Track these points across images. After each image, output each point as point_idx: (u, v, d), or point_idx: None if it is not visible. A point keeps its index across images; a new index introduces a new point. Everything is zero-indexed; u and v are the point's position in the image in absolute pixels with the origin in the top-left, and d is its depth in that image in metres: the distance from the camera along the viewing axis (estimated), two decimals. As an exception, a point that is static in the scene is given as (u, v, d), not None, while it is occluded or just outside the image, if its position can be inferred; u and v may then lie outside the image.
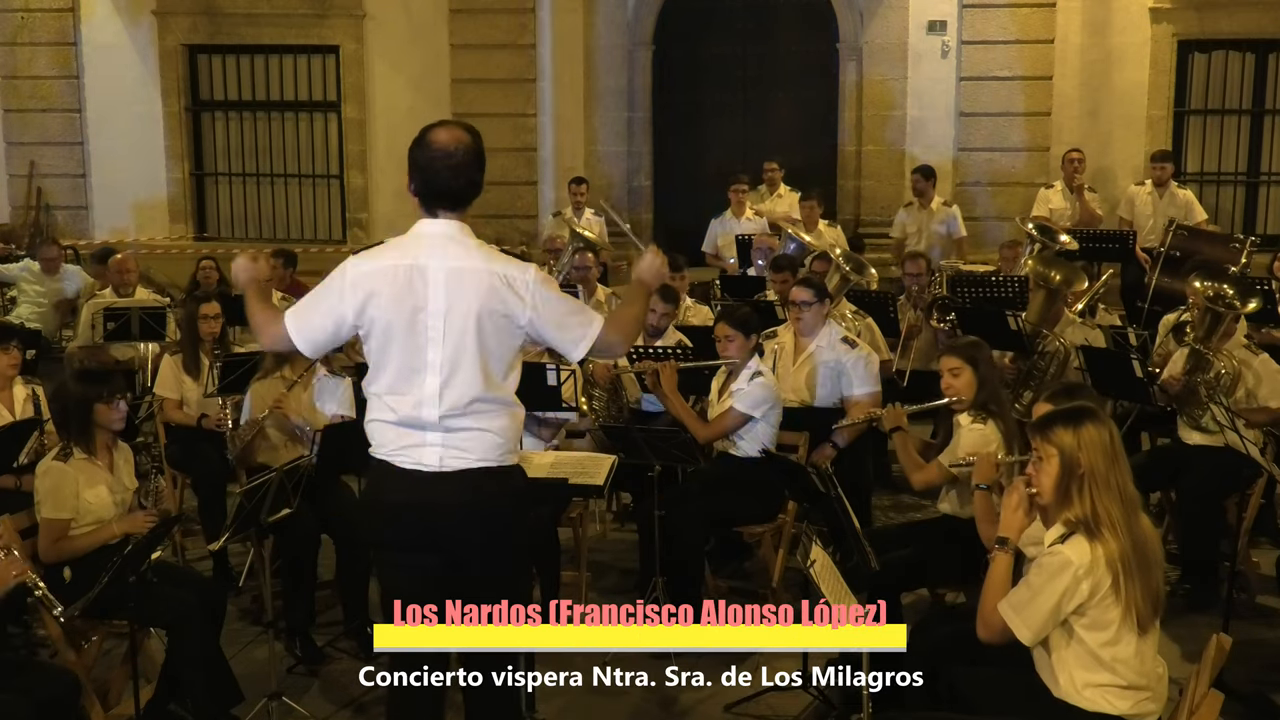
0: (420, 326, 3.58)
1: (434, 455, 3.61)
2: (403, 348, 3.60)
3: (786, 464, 5.63)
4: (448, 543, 3.65)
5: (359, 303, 3.62)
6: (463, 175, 3.61)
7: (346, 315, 3.64)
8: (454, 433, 3.60)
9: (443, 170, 3.60)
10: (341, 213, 13.85)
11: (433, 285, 3.57)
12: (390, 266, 3.62)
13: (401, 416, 3.62)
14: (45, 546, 4.80)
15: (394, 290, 3.59)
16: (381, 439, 3.68)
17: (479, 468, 3.63)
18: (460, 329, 3.57)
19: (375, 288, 3.60)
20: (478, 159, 3.64)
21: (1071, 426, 3.58)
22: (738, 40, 13.12)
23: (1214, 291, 6.16)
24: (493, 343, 3.61)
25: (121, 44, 13.69)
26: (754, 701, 4.98)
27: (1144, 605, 3.49)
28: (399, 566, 3.75)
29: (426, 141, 3.63)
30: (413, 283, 3.58)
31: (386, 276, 3.60)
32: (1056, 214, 10.67)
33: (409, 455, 3.63)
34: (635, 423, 6.45)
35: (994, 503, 4.52)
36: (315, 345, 3.77)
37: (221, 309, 6.95)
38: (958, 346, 5.27)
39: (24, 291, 10.25)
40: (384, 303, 3.59)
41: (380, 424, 3.68)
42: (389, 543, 3.75)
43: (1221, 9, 12.16)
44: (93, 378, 5.10)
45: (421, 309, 3.57)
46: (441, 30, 13.14)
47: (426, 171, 3.61)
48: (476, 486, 3.62)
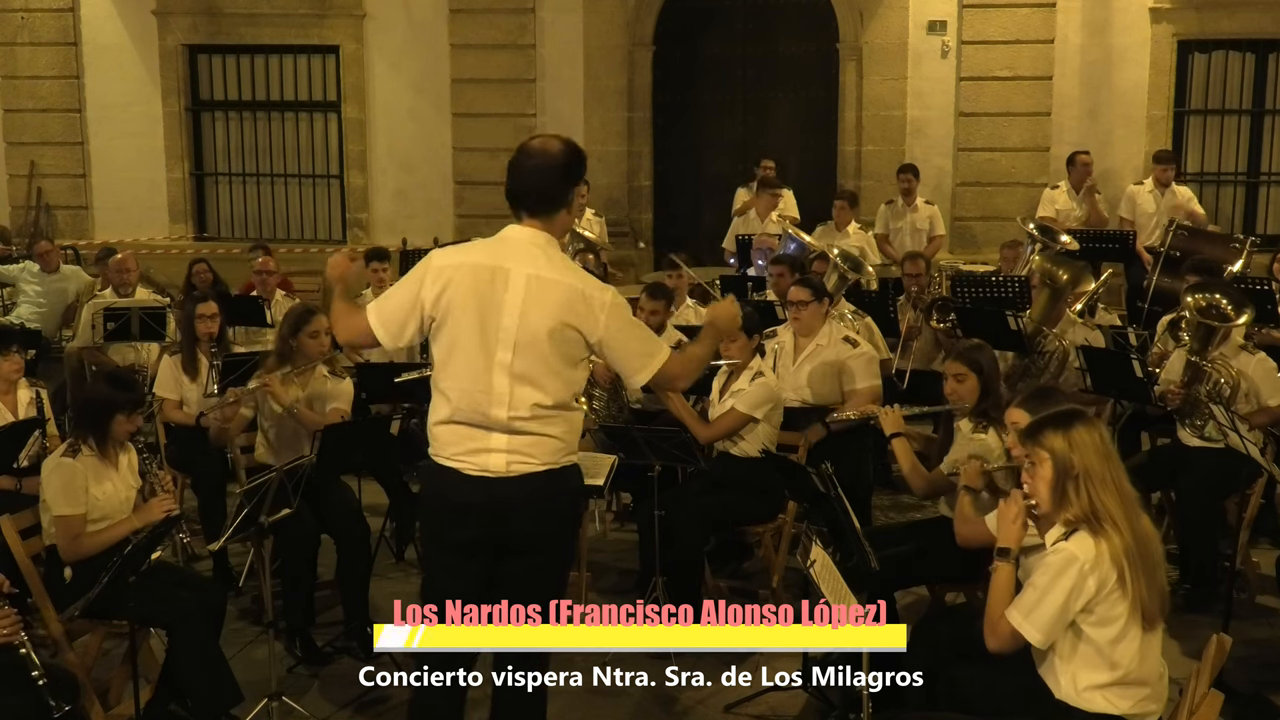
0: (493, 326, 3.65)
1: (500, 460, 3.67)
2: (474, 344, 3.66)
3: (786, 464, 5.63)
4: (508, 540, 3.72)
5: (437, 291, 3.69)
6: (539, 183, 3.72)
7: (425, 302, 3.71)
8: (519, 435, 3.67)
9: (523, 170, 3.73)
10: (341, 213, 13.85)
11: (513, 289, 3.65)
12: (474, 264, 3.71)
13: (467, 415, 3.67)
14: (65, 545, 4.81)
15: (474, 286, 3.66)
16: (446, 440, 3.73)
17: (542, 470, 3.71)
18: (533, 335, 3.64)
19: (456, 278, 3.69)
20: (564, 169, 3.75)
21: (1062, 430, 3.59)
22: (738, 40, 13.13)
23: (1206, 303, 6.13)
24: (562, 353, 3.69)
25: (121, 44, 13.69)
26: (754, 701, 4.98)
27: (1150, 602, 3.49)
28: (450, 568, 3.79)
29: (520, 146, 3.80)
30: (494, 283, 3.66)
31: (468, 272, 3.69)
32: (1062, 215, 10.69)
33: (475, 461, 3.68)
34: (635, 423, 6.45)
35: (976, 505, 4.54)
36: (393, 333, 3.80)
37: (219, 309, 6.94)
38: (963, 352, 5.24)
39: (23, 292, 10.25)
40: (461, 296, 3.67)
41: (445, 426, 3.72)
42: (445, 543, 3.80)
43: (1221, 9, 12.16)
44: (122, 384, 5.11)
45: (499, 309, 3.64)
46: (441, 30, 13.14)
47: (511, 171, 3.76)
48: (539, 488, 3.71)
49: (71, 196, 13.96)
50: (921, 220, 11.16)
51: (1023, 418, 4.19)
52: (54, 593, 4.74)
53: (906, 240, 11.01)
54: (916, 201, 11.21)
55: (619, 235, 12.66)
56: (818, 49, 12.94)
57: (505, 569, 3.76)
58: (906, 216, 11.16)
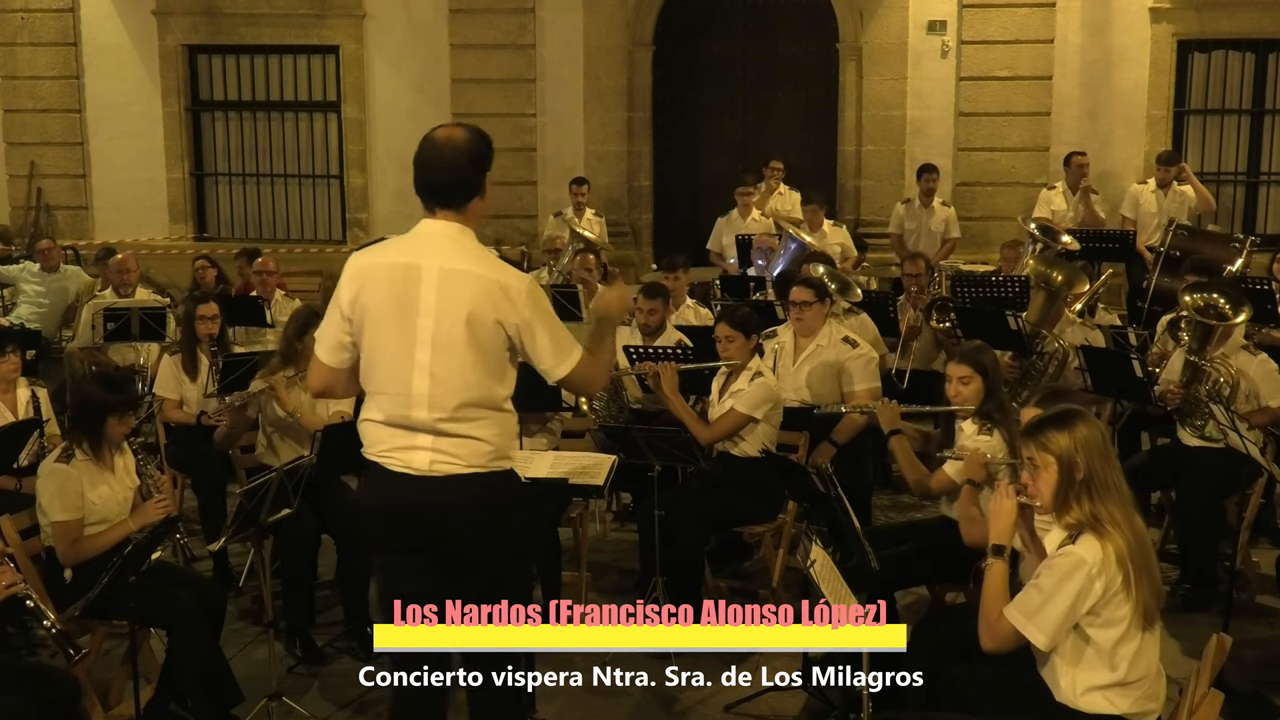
0: (411, 325, 3.57)
1: (423, 459, 3.60)
2: (392, 345, 3.59)
3: (786, 464, 5.63)
4: (441, 546, 3.64)
5: (353, 294, 3.62)
6: (451, 173, 3.61)
7: (343, 305, 3.64)
8: (444, 437, 3.58)
9: (431, 163, 3.62)
10: (341, 213, 13.86)
11: (425, 285, 3.56)
12: (387, 263, 3.63)
13: (391, 416, 3.61)
14: (64, 550, 4.80)
15: (389, 286, 3.58)
16: (373, 438, 3.68)
17: (469, 474, 3.61)
18: (450, 331, 3.55)
19: (370, 279, 3.61)
20: (472, 159, 3.63)
21: (1066, 430, 3.57)
22: (738, 40, 13.13)
23: (1204, 302, 6.12)
24: (484, 348, 3.58)
25: (121, 44, 13.70)
26: (754, 701, 4.97)
27: (1150, 600, 3.49)
28: (395, 568, 3.75)
29: (424, 139, 3.67)
30: (407, 281, 3.57)
31: (382, 272, 3.61)
32: (1058, 215, 10.68)
33: (399, 457, 3.62)
34: (635, 423, 6.45)
35: (979, 499, 4.53)
36: (334, 354, 3.71)
37: (220, 309, 6.94)
38: (967, 354, 5.21)
39: (23, 292, 10.25)
40: (377, 297, 3.59)
41: (371, 424, 3.67)
42: (384, 544, 3.76)
43: (1221, 9, 12.16)
44: (114, 386, 5.07)
45: (414, 308, 3.56)
46: (441, 30, 13.14)
47: (417, 167, 3.65)
48: (468, 493, 3.61)
49: (71, 197, 13.97)
50: (938, 222, 11.14)
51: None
52: (54, 593, 4.73)
53: (921, 241, 10.96)
54: (934, 204, 11.19)
55: (619, 235, 12.67)
56: (818, 49, 12.95)
57: (454, 592, 3.65)
58: (923, 218, 11.13)
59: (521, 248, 12.71)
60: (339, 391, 3.90)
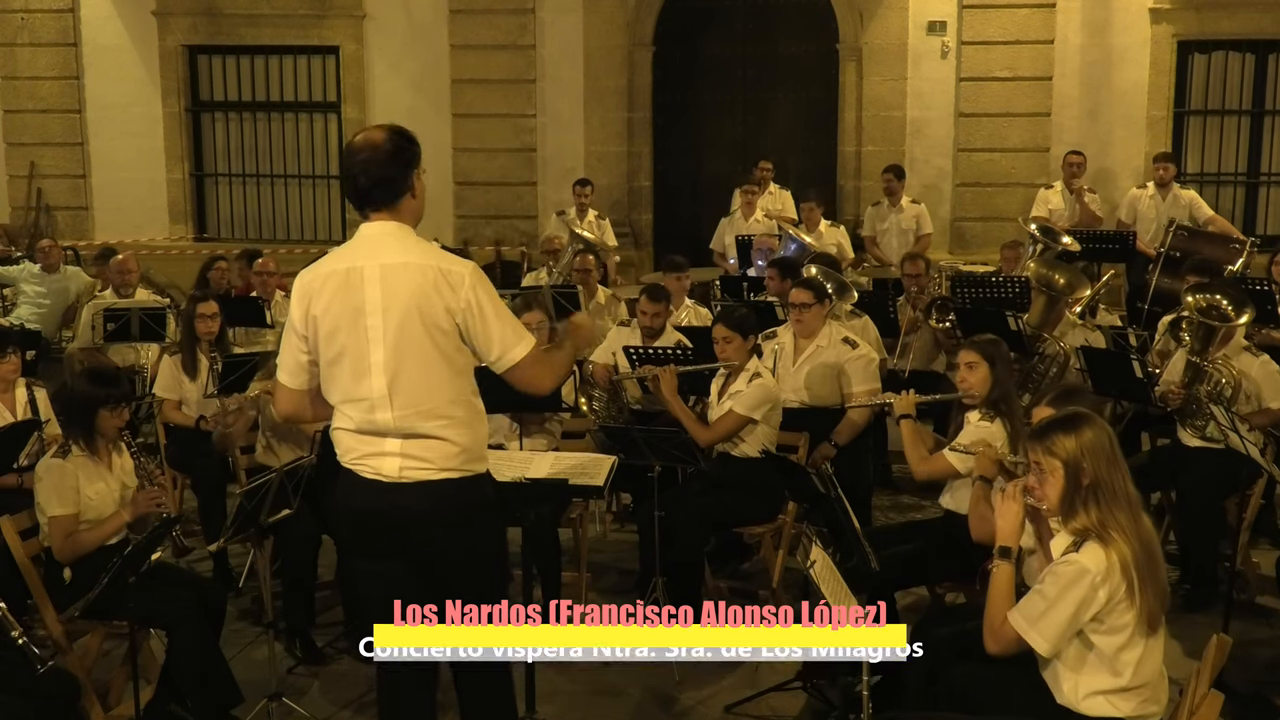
0: (361, 327, 3.55)
1: (393, 465, 3.58)
2: (348, 352, 3.57)
3: (786, 464, 5.63)
4: (415, 552, 3.63)
5: (303, 309, 3.62)
6: (371, 173, 3.59)
7: (295, 324, 3.64)
8: (412, 439, 3.57)
9: (354, 168, 3.62)
10: (341, 213, 13.84)
11: (369, 283, 3.55)
12: (329, 271, 3.62)
13: (359, 423, 3.61)
14: (59, 545, 4.80)
15: (333, 292, 3.58)
16: (345, 446, 3.68)
17: (440, 479, 3.59)
18: (400, 326, 3.53)
19: (316, 290, 3.61)
20: (393, 157, 3.61)
21: (1072, 434, 3.55)
22: (738, 40, 13.13)
23: (1206, 303, 6.12)
24: (436, 341, 3.55)
25: (121, 44, 13.70)
26: (754, 701, 4.97)
27: (1155, 605, 3.48)
28: (369, 574, 3.74)
29: (345, 146, 3.69)
30: (350, 284, 3.56)
31: (327, 281, 3.60)
32: (1055, 215, 10.69)
33: (369, 464, 3.61)
34: (635, 423, 6.45)
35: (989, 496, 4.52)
36: (295, 376, 3.71)
37: (220, 309, 6.93)
38: (977, 341, 5.21)
39: (24, 292, 10.26)
40: (324, 305, 3.58)
41: (342, 432, 3.67)
42: (357, 550, 3.76)
43: (1221, 9, 12.17)
44: (102, 380, 5.06)
45: (360, 309, 3.55)
46: (441, 31, 13.14)
47: (341, 173, 3.67)
48: (440, 497, 3.59)
49: (71, 197, 13.96)
50: (908, 220, 11.15)
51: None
52: (54, 593, 4.74)
53: (894, 241, 11.00)
54: (902, 202, 11.20)
55: (619, 236, 12.66)
56: (818, 49, 12.95)
57: (430, 597, 3.63)
58: (892, 217, 11.15)
59: (521, 248, 12.72)
60: (307, 415, 3.89)
